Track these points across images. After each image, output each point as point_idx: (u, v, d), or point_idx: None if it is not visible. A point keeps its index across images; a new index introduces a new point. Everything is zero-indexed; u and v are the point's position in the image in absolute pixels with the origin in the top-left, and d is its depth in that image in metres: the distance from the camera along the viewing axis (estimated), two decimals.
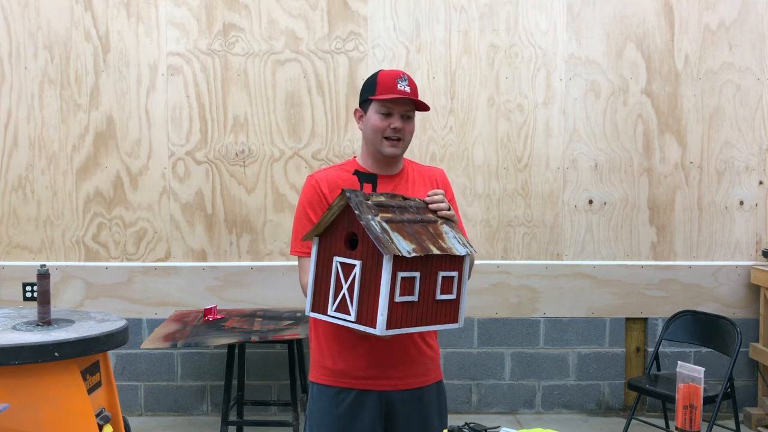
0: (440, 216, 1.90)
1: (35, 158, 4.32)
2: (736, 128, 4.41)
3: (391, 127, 2.07)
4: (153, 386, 4.41)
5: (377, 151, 2.11)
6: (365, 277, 1.74)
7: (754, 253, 4.46)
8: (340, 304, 1.79)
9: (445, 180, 2.26)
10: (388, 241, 1.68)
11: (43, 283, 2.54)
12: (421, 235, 1.79)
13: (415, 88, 2.11)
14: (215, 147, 4.35)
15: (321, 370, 2.13)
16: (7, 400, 2.20)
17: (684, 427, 1.61)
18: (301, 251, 2.12)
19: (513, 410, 4.47)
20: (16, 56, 4.28)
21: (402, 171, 2.18)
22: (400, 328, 1.75)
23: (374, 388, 2.07)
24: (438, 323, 1.85)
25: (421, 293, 1.77)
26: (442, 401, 2.21)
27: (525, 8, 4.34)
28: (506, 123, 4.39)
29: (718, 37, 4.37)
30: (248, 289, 4.35)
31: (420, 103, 2.10)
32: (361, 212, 1.72)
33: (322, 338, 2.14)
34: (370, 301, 1.72)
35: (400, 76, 2.07)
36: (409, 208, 1.85)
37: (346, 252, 1.79)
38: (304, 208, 2.12)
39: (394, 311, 1.72)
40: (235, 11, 4.31)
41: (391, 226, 1.74)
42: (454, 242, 1.85)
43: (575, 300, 4.42)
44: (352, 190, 1.78)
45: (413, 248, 1.72)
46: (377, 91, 2.07)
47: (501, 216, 4.42)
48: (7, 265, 4.32)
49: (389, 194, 1.86)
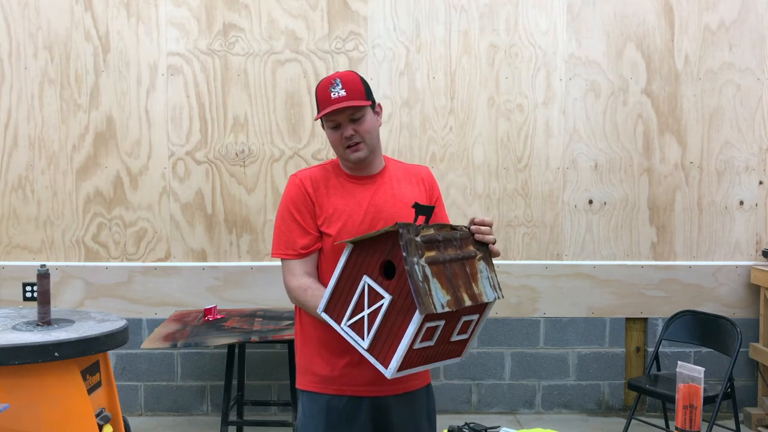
0: (477, 239, 1.84)
1: (35, 158, 4.32)
2: (736, 128, 4.41)
3: (344, 137, 2.01)
4: (153, 386, 4.41)
5: (346, 161, 2.07)
6: (391, 315, 1.70)
7: (754, 253, 4.46)
8: (356, 323, 1.76)
9: (431, 178, 2.21)
10: (426, 294, 1.63)
11: (43, 283, 2.55)
12: (458, 278, 1.74)
13: (353, 86, 2.00)
14: (215, 147, 4.35)
15: (311, 377, 2.08)
16: (7, 400, 2.20)
17: (684, 427, 1.61)
18: (286, 254, 2.05)
19: (513, 410, 4.47)
20: (16, 56, 4.28)
21: (384, 170, 2.12)
22: (407, 369, 1.74)
23: (366, 395, 2.04)
24: (443, 360, 1.85)
25: (439, 337, 1.76)
26: (431, 404, 2.18)
27: (525, 8, 4.34)
28: (506, 123, 4.39)
29: (718, 37, 4.37)
30: (248, 289, 4.35)
31: (360, 104, 1.99)
32: (408, 254, 1.65)
33: (311, 343, 2.08)
34: (389, 340, 1.70)
35: (332, 82, 1.99)
36: (453, 241, 1.78)
37: (379, 278, 1.74)
38: (289, 208, 2.06)
39: (409, 355, 1.70)
40: (235, 11, 4.31)
41: (433, 270, 1.68)
42: (485, 285, 1.80)
43: (575, 300, 4.42)
44: (405, 224, 1.69)
45: (447, 301, 1.68)
46: (318, 108, 2.03)
47: (501, 216, 4.42)
48: (7, 265, 4.32)
49: (438, 225, 1.78)
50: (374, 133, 2.05)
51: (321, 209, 2.04)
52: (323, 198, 2.05)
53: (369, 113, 2.04)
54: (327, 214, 2.04)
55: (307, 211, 2.04)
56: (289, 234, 2.05)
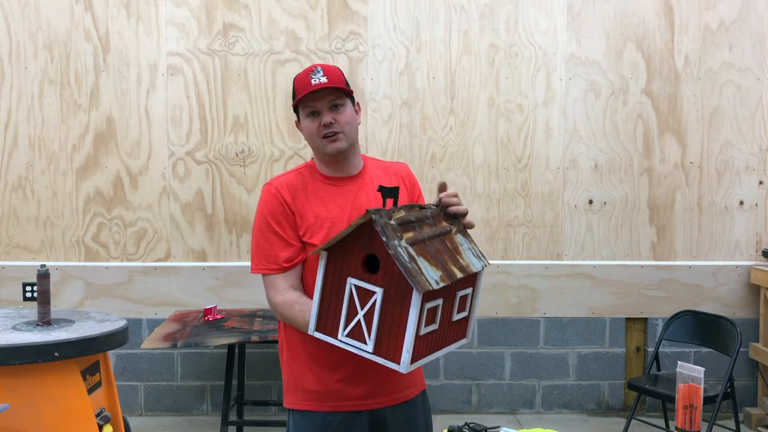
0: (451, 212, 1.78)
1: (35, 158, 4.32)
2: (736, 128, 4.41)
3: (322, 124, 1.91)
4: (153, 386, 4.41)
5: (323, 154, 1.96)
6: (387, 307, 1.60)
7: (754, 253, 4.46)
8: (353, 330, 1.65)
9: (410, 175, 2.11)
10: (418, 273, 1.55)
11: (43, 283, 2.55)
12: (442, 254, 1.67)
13: (334, 74, 1.93)
14: (215, 147, 4.35)
15: (301, 395, 1.97)
16: (7, 400, 2.20)
17: (684, 427, 1.61)
18: (268, 268, 1.95)
19: (513, 410, 4.47)
20: (16, 56, 4.28)
21: (364, 170, 2.03)
22: (420, 360, 1.64)
23: (363, 408, 1.94)
24: (451, 343, 1.75)
25: (442, 318, 1.67)
26: (428, 410, 2.13)
27: (525, 8, 4.34)
28: (506, 123, 4.39)
29: (718, 37, 4.37)
30: (248, 289, 4.35)
31: (344, 89, 1.93)
32: (388, 238, 1.56)
33: (299, 359, 1.97)
34: (393, 334, 1.60)
35: (313, 70, 1.92)
36: (426, 220, 1.72)
37: (365, 275, 1.63)
38: (267, 220, 1.94)
39: (418, 344, 1.60)
40: (235, 11, 4.31)
41: (416, 250, 1.60)
42: (470, 255, 1.75)
43: (575, 300, 4.42)
44: (376, 210, 1.60)
45: (440, 276, 1.60)
46: (296, 95, 1.94)
47: (501, 216, 4.42)
48: (7, 265, 4.32)
49: (407, 206, 1.72)
50: (354, 126, 1.97)
51: (302, 218, 1.94)
52: (302, 205, 1.95)
53: (349, 105, 1.97)
54: (308, 223, 1.94)
55: (286, 221, 1.93)
56: (269, 248, 1.94)
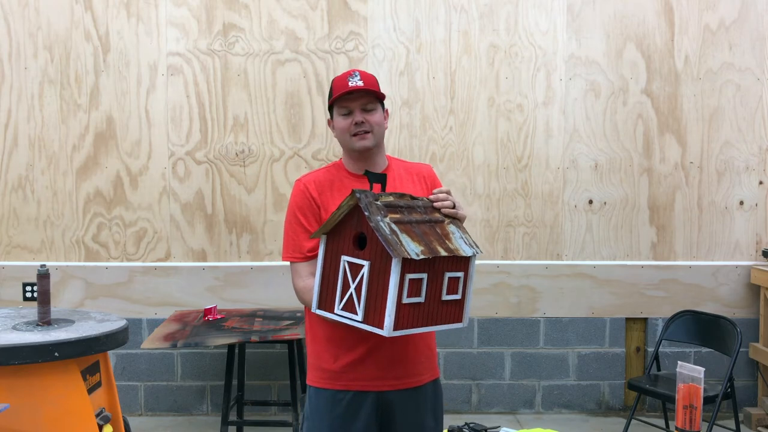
0: (445, 214, 1.91)
1: (35, 158, 4.32)
2: (736, 128, 4.41)
3: (354, 123, 2.07)
4: (153, 386, 4.41)
5: (351, 150, 2.11)
6: (373, 278, 1.75)
7: (754, 253, 4.46)
8: (347, 303, 1.79)
9: (433, 176, 2.25)
10: (397, 243, 1.69)
11: (43, 283, 2.55)
12: (429, 236, 1.80)
13: (370, 80, 2.11)
14: (215, 147, 4.35)
15: (318, 373, 2.13)
16: (7, 400, 2.20)
17: (684, 427, 1.61)
18: (293, 257, 2.12)
19: (513, 410, 4.47)
20: (16, 56, 4.28)
21: (388, 169, 2.18)
22: (406, 329, 1.76)
23: (371, 389, 2.07)
24: (443, 323, 1.86)
25: (428, 294, 1.78)
26: (438, 399, 2.20)
27: (525, 8, 4.34)
28: (506, 123, 4.39)
29: (718, 37, 4.37)
30: (248, 289, 4.35)
31: (377, 93, 2.10)
32: (371, 213, 1.73)
33: (319, 340, 2.13)
34: (378, 302, 1.73)
35: (351, 74, 2.09)
36: (417, 208, 1.86)
37: (355, 252, 1.79)
38: (295, 214, 2.12)
39: (401, 312, 1.73)
40: (235, 11, 4.31)
41: (400, 228, 1.75)
42: (461, 243, 1.86)
43: (575, 300, 4.42)
44: (361, 190, 1.78)
45: (421, 250, 1.73)
46: (333, 95, 2.10)
47: (501, 216, 4.42)
48: (7, 265, 4.32)
49: (398, 194, 1.86)
50: (382, 128, 2.13)
51: (326, 212, 2.07)
52: (328, 200, 2.09)
53: (380, 110, 2.13)
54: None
55: (312, 214, 2.09)
56: (295, 238, 2.11)
